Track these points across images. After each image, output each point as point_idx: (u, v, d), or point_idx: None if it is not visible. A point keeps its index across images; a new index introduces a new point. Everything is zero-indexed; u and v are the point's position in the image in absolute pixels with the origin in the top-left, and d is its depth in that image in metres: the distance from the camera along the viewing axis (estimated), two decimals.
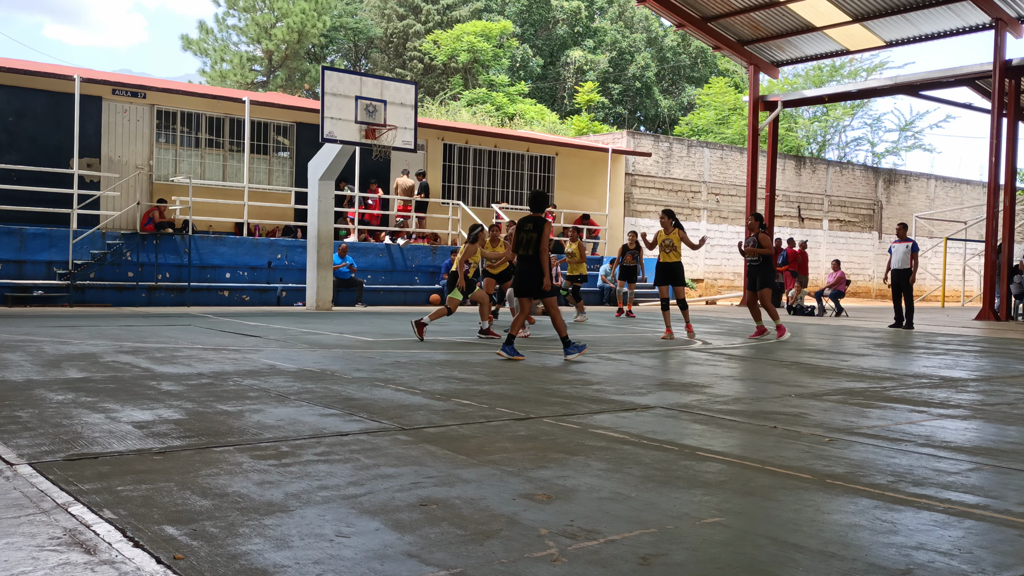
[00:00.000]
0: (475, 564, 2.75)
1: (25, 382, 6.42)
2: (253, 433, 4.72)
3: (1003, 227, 20.75)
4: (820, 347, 11.55)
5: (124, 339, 9.89)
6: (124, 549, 2.81)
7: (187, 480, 3.69)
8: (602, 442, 4.71)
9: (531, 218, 9.05)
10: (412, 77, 42.96)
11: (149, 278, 16.77)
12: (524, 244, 9.00)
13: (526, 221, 9.06)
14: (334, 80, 15.35)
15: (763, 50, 25.36)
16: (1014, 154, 20.72)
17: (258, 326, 12.38)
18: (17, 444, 4.30)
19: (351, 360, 8.38)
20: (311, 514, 3.24)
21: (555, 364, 8.51)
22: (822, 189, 31.81)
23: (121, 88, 18.29)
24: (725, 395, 6.72)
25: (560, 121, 39.96)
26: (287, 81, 42.62)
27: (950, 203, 35.90)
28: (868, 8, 22.15)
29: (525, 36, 48.84)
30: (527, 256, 8.99)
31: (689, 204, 28.38)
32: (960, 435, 5.28)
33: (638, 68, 47.98)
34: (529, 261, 8.97)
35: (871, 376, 8.26)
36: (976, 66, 21.44)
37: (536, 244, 8.89)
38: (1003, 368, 9.47)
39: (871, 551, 2.98)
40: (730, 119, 40.49)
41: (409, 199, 21.20)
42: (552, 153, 25.18)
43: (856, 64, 39.86)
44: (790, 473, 4.10)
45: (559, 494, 3.60)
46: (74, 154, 16.77)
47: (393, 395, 6.19)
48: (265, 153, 20.30)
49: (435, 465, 4.06)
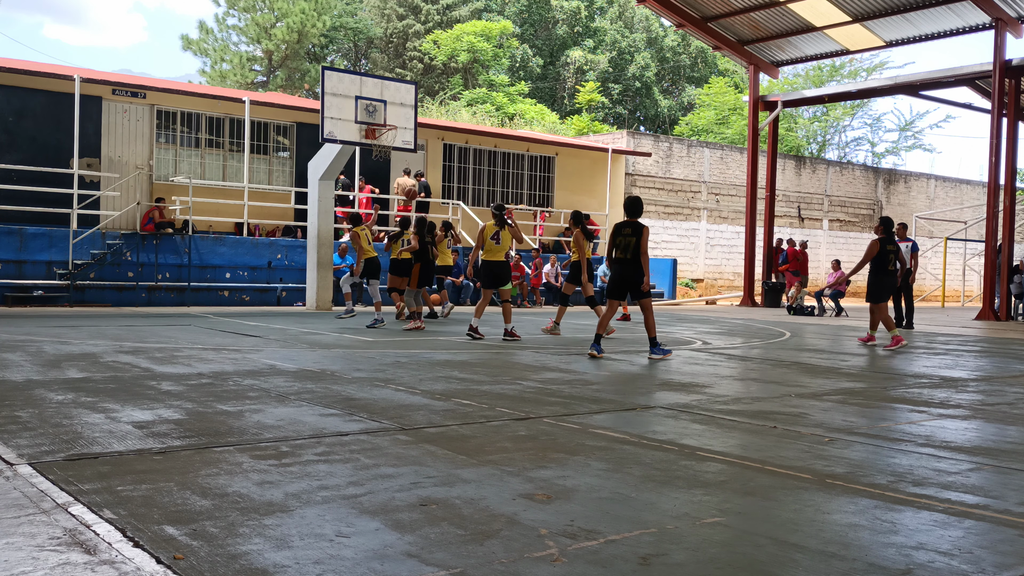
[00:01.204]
0: (475, 564, 2.75)
1: (25, 382, 6.42)
2: (253, 433, 4.72)
3: (1003, 227, 20.74)
4: (820, 347, 11.55)
5: (124, 339, 9.89)
6: (124, 549, 2.81)
7: (187, 480, 3.69)
8: (602, 442, 4.71)
9: (628, 222, 9.37)
10: (412, 77, 42.97)
11: (149, 278, 16.77)
12: (622, 247, 9.29)
13: (623, 225, 9.37)
14: (334, 80, 15.35)
15: (763, 50, 25.36)
16: (1014, 154, 20.72)
17: (258, 326, 12.38)
18: (17, 444, 4.30)
19: (351, 360, 8.38)
20: (311, 514, 3.24)
21: (555, 364, 8.51)
22: (822, 189, 31.81)
23: (121, 88, 18.29)
24: (725, 395, 6.72)
25: (560, 121, 39.96)
26: (287, 81, 42.62)
27: (950, 203, 35.91)
28: (868, 8, 22.15)
29: (525, 36, 48.84)
30: (624, 259, 9.28)
31: (689, 204, 28.38)
32: (960, 435, 5.28)
33: (638, 68, 47.98)
34: (627, 264, 9.26)
35: (871, 376, 8.26)
36: (976, 66, 21.44)
37: (635, 248, 9.19)
38: (1003, 368, 9.47)
39: (871, 551, 2.98)
40: (730, 119, 40.49)
41: (409, 199, 21.19)
42: (552, 153, 25.18)
43: (856, 64, 39.88)
44: (790, 473, 4.10)
45: (559, 494, 3.60)
46: (74, 154, 16.77)
47: (393, 395, 6.19)
48: (265, 153, 20.30)
49: (435, 465, 4.06)
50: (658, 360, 9.09)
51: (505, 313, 11.25)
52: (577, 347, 10.39)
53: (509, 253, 11.30)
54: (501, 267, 11.34)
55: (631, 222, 9.35)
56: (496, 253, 11.28)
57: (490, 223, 11.47)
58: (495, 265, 11.32)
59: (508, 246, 11.40)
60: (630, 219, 9.39)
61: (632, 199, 9.50)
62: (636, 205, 9.45)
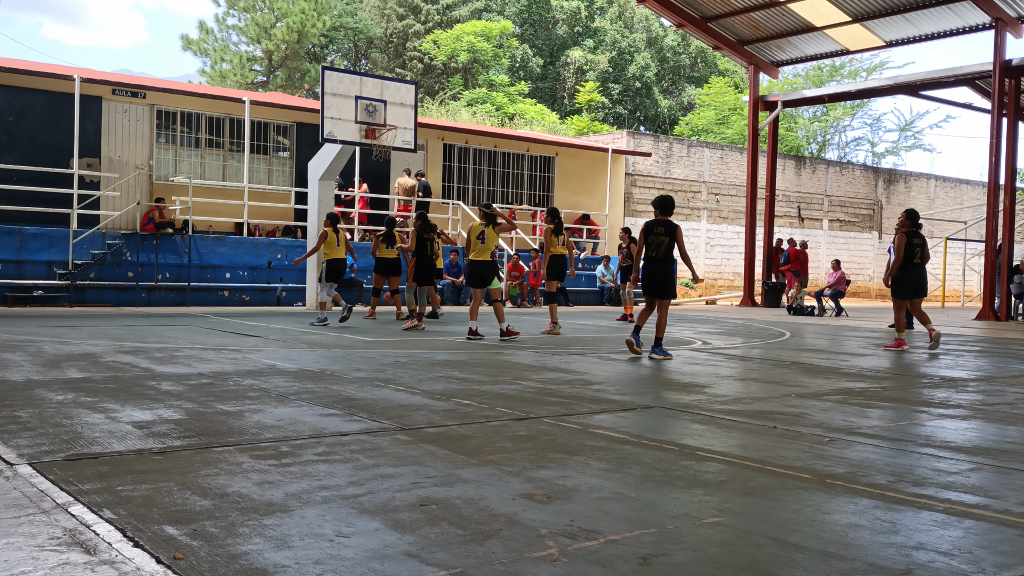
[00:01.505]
0: (475, 564, 2.75)
1: (25, 382, 6.42)
2: (253, 433, 4.72)
3: (1003, 227, 20.74)
4: (820, 347, 11.54)
5: (124, 339, 9.88)
6: (124, 549, 2.81)
7: (187, 480, 3.69)
8: (602, 442, 4.71)
9: (661, 221, 9.40)
10: (412, 77, 42.96)
11: (149, 278, 16.77)
12: (654, 246, 9.33)
13: (656, 224, 9.38)
14: (334, 80, 15.35)
15: (763, 50, 25.36)
16: (1014, 154, 20.71)
17: (258, 326, 12.38)
18: (17, 444, 4.30)
19: (351, 360, 8.38)
20: (311, 514, 3.24)
21: (555, 364, 8.51)
22: (822, 189, 31.81)
23: (121, 88, 18.29)
24: (725, 395, 6.72)
25: (560, 121, 39.96)
26: (287, 81, 42.61)
27: (950, 203, 35.90)
28: (868, 8, 22.15)
29: (525, 36, 48.83)
30: (656, 258, 9.34)
31: (689, 204, 28.38)
32: (960, 435, 5.28)
33: (638, 68, 47.96)
34: (658, 263, 9.33)
35: (871, 376, 8.26)
36: (976, 66, 21.44)
37: (668, 247, 9.28)
38: (1003, 368, 9.47)
39: (871, 551, 2.98)
40: (730, 119, 40.49)
41: (410, 199, 21.20)
42: (552, 153, 25.17)
43: (856, 64, 39.88)
44: (790, 473, 4.10)
45: (559, 494, 3.60)
46: (74, 154, 16.77)
47: (393, 395, 6.19)
48: (265, 153, 20.30)
49: (435, 465, 4.06)
50: (658, 360, 9.11)
51: (497, 313, 11.20)
52: (577, 347, 10.39)
53: (495, 252, 11.25)
54: (485, 266, 11.26)
55: (663, 221, 9.40)
56: (481, 252, 11.22)
57: (476, 223, 11.47)
58: (479, 265, 11.27)
59: (494, 246, 11.29)
60: (662, 218, 9.44)
61: (663, 198, 9.53)
62: (668, 204, 9.49)
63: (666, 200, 9.48)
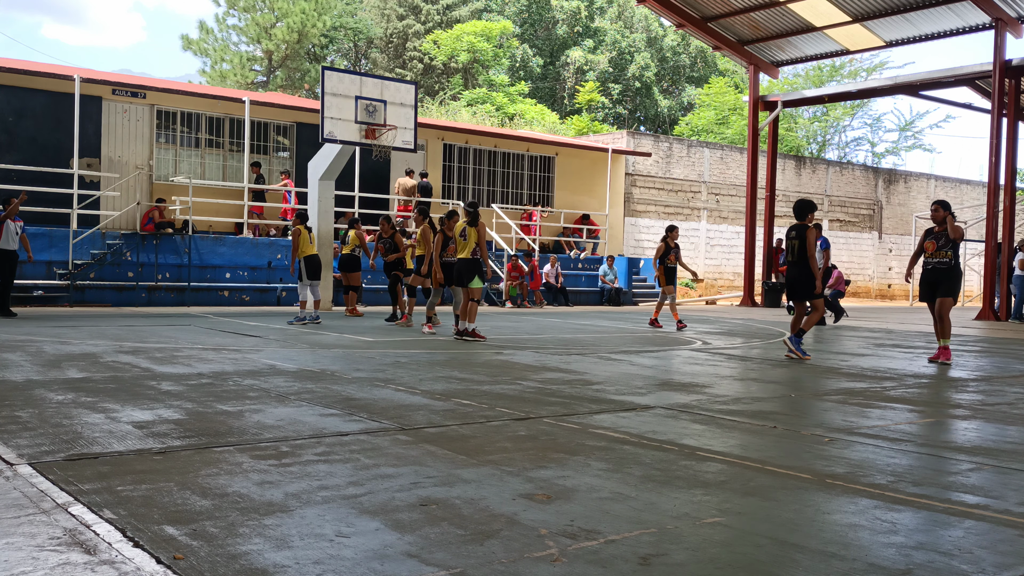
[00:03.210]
0: (475, 564, 2.75)
1: (25, 382, 6.42)
2: (253, 433, 4.72)
3: (1003, 227, 20.74)
4: (820, 347, 11.54)
5: (124, 339, 9.88)
6: (124, 549, 2.81)
7: (187, 480, 3.69)
8: (602, 442, 4.71)
9: (795, 226, 9.77)
10: (412, 77, 42.96)
11: (149, 278, 16.77)
12: (790, 250, 9.72)
13: (791, 229, 9.78)
14: (334, 80, 15.35)
15: (763, 50, 25.36)
16: (1014, 154, 20.72)
17: (258, 326, 12.38)
18: (17, 444, 4.30)
19: (351, 360, 8.38)
20: (311, 514, 3.24)
21: (555, 364, 8.51)
22: (822, 189, 31.81)
23: (121, 88, 18.29)
24: (725, 395, 6.72)
25: (560, 121, 39.95)
26: (287, 81, 42.61)
27: (950, 203, 35.89)
28: (868, 8, 22.15)
29: (525, 36, 48.83)
30: (792, 263, 9.69)
31: (689, 204, 28.37)
32: (960, 435, 5.28)
33: (638, 68, 47.95)
34: (793, 267, 9.68)
35: (871, 376, 8.26)
36: (976, 66, 21.44)
37: (800, 250, 9.60)
38: (1003, 368, 9.47)
39: (871, 551, 2.98)
40: (730, 119, 40.48)
41: (409, 199, 21.19)
42: (552, 153, 25.17)
43: (856, 64, 39.86)
44: (790, 473, 4.10)
45: (559, 494, 3.60)
46: (74, 154, 16.77)
47: (393, 395, 6.19)
48: (265, 153, 20.29)
49: (435, 465, 4.06)
50: (789, 351, 9.59)
51: (470, 312, 11.02)
52: (577, 347, 10.39)
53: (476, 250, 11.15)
54: (465, 264, 11.11)
55: (796, 225, 9.73)
56: (463, 249, 11.14)
57: (461, 221, 11.45)
58: (460, 262, 11.18)
59: (474, 244, 11.05)
60: (798, 222, 9.74)
61: (799, 202, 9.84)
62: (802, 208, 9.77)
63: (800, 204, 9.78)
